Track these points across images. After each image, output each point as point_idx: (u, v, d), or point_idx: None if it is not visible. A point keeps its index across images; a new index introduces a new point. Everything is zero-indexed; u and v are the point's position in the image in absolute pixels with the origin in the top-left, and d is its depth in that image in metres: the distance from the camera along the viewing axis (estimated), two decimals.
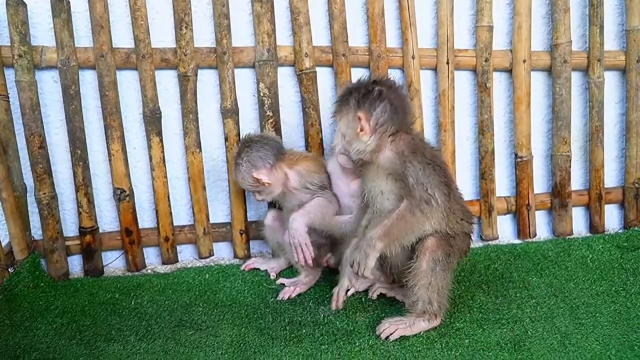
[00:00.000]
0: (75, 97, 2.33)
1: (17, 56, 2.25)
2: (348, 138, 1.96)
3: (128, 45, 2.38)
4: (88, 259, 2.45)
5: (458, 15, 2.56)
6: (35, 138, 2.31)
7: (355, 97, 1.93)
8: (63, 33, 2.28)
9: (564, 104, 2.61)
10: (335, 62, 2.49)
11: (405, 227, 1.88)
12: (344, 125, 1.97)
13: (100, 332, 2.00)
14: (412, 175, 1.87)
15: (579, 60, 2.64)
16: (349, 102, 1.94)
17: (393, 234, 1.87)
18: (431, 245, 1.92)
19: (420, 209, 1.87)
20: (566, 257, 2.46)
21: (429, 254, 1.91)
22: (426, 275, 1.91)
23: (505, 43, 2.63)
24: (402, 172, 1.89)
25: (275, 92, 2.47)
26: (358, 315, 2.05)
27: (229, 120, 2.46)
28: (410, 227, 1.88)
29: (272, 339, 1.92)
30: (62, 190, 2.44)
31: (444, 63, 2.54)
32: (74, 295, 2.28)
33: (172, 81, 2.44)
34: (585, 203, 2.74)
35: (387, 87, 1.95)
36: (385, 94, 1.92)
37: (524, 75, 2.59)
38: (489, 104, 2.58)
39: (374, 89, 1.92)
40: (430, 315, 1.93)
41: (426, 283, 1.91)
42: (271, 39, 2.43)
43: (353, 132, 1.94)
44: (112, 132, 2.37)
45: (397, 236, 1.88)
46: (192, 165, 2.46)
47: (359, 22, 2.53)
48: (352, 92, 1.96)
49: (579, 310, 2.04)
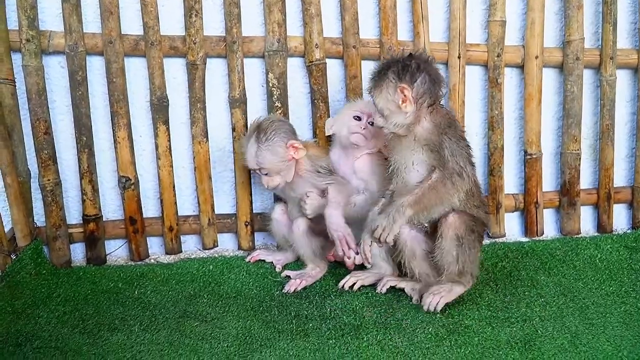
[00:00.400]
0: (82, 83, 2.30)
1: (24, 40, 2.22)
2: (387, 112, 1.99)
3: (137, 32, 2.35)
4: (91, 247, 2.42)
5: (471, 9, 2.53)
6: (40, 124, 2.28)
7: (394, 71, 1.97)
8: (72, 18, 2.25)
9: (575, 102, 2.59)
10: (346, 53, 2.46)
11: (436, 197, 1.95)
12: (382, 99, 2.00)
13: (104, 321, 1.97)
14: (448, 147, 1.94)
15: (591, 57, 2.61)
16: (388, 76, 1.97)
17: (423, 203, 1.95)
18: (453, 222, 1.97)
19: (451, 181, 1.93)
20: (574, 257, 2.44)
21: (452, 231, 1.96)
22: (451, 250, 1.96)
23: (517, 39, 2.60)
24: (439, 143, 1.95)
25: (285, 82, 2.44)
26: (365, 311, 2.02)
27: (236, 110, 2.43)
28: (440, 198, 1.95)
29: (279, 333, 1.89)
30: (66, 177, 2.42)
31: (456, 57, 2.51)
32: (76, 283, 2.25)
33: (181, 69, 2.41)
34: (593, 202, 2.72)
35: (422, 60, 2.00)
36: (423, 66, 1.97)
37: (535, 72, 2.56)
38: (500, 100, 2.55)
39: (412, 62, 1.97)
40: (465, 280, 2.02)
41: (455, 256, 1.97)
42: (282, 29, 2.40)
43: (394, 105, 1.97)
44: (119, 119, 2.34)
45: (427, 205, 1.96)
46: (199, 155, 2.43)
47: (370, 14, 2.50)
48: (390, 66, 2.00)
49: (588, 310, 2.01)
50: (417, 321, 1.95)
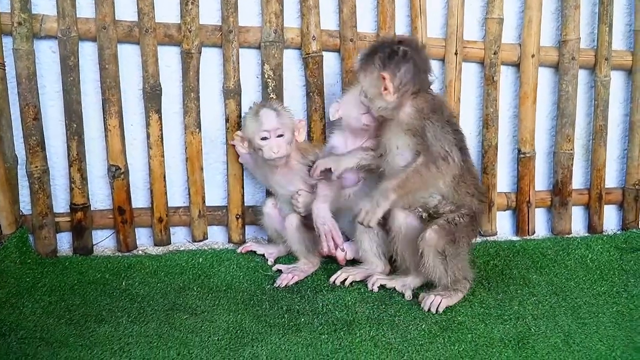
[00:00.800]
0: (74, 68, 2.25)
1: (16, 24, 2.17)
2: (370, 95, 2.01)
3: (131, 18, 2.30)
4: (78, 237, 2.38)
5: (468, 6, 2.51)
6: (30, 109, 2.23)
7: (380, 57, 1.97)
8: (65, 2, 2.21)
9: (570, 102, 2.58)
10: (343, 47, 2.44)
11: (420, 181, 1.94)
12: (367, 83, 2.01)
13: (91, 312, 1.93)
14: (430, 130, 1.93)
15: (586, 58, 2.60)
16: (374, 61, 1.98)
17: (407, 187, 1.94)
18: (431, 239, 1.94)
19: (436, 165, 1.92)
20: (565, 256, 2.44)
21: (433, 248, 1.94)
22: (437, 266, 1.95)
23: (514, 37, 2.59)
24: (421, 128, 1.94)
25: (280, 74, 2.41)
26: (358, 306, 2.00)
27: (231, 101, 2.39)
28: (424, 182, 1.94)
29: (270, 327, 1.86)
30: (54, 165, 2.37)
31: (452, 54, 2.49)
32: (62, 273, 2.21)
33: (175, 58, 2.38)
34: (585, 202, 2.71)
35: (411, 48, 1.99)
36: (410, 55, 1.96)
37: (531, 70, 2.55)
38: (495, 98, 2.54)
39: (399, 49, 1.96)
40: (461, 286, 2.02)
41: (443, 270, 1.96)
42: (279, 20, 2.36)
43: (376, 90, 1.98)
44: (110, 106, 2.30)
45: (411, 189, 1.95)
46: (191, 146, 2.40)
47: (368, 8, 2.48)
48: (377, 51, 2.00)
49: (581, 310, 2.01)
50: (410, 317, 1.94)
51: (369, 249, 2.19)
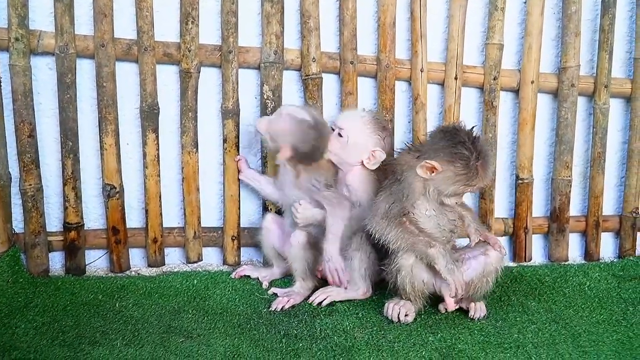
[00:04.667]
0: (71, 86, 2.23)
1: (13, 39, 2.15)
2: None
3: (130, 37, 2.28)
4: (71, 257, 2.34)
5: (469, 31, 2.51)
6: (25, 126, 2.20)
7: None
8: (64, 19, 2.18)
9: (569, 128, 2.58)
10: (343, 69, 2.43)
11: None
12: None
13: (84, 334, 1.89)
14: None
15: (585, 85, 2.61)
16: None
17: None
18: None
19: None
20: (563, 283, 2.42)
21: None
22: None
23: (513, 63, 2.59)
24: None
25: (279, 95, 2.39)
26: (356, 331, 1.97)
27: (229, 121, 2.37)
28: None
29: (268, 352, 1.82)
30: (48, 183, 2.33)
31: (452, 78, 2.49)
32: (54, 293, 2.17)
33: (173, 77, 2.35)
34: (582, 229, 2.70)
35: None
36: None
37: (530, 97, 2.55)
38: (494, 123, 2.54)
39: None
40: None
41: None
42: (279, 41, 2.35)
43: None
44: (107, 125, 2.27)
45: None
46: (188, 166, 2.37)
47: (369, 31, 2.47)
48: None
49: (581, 338, 1.99)
50: (409, 344, 1.90)
51: (357, 269, 2.17)
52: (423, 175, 2.03)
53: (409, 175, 2.06)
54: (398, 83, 2.49)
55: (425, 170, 2.02)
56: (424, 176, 2.03)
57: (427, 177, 2.03)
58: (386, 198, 2.06)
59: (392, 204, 2.04)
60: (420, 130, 2.49)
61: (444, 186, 2.04)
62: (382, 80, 2.45)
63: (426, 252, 2.00)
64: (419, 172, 2.03)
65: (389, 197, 2.06)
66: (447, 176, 2.02)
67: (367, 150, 2.20)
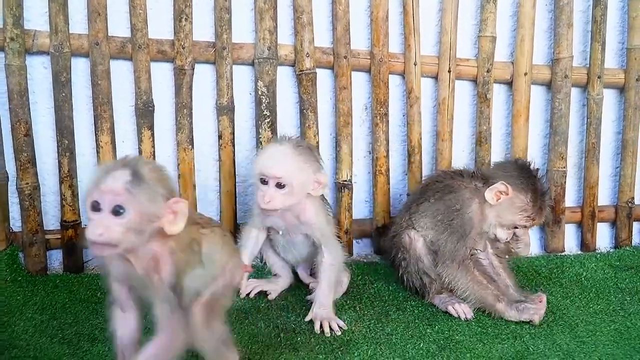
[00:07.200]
0: (66, 84, 2.23)
1: (8, 39, 2.14)
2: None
3: (124, 34, 2.29)
4: (68, 254, 2.34)
5: (461, 24, 2.52)
6: (21, 125, 2.20)
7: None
8: (58, 18, 2.18)
9: (563, 119, 2.59)
10: (337, 64, 2.43)
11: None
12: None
13: (83, 331, 1.89)
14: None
15: (579, 76, 2.62)
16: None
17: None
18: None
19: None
20: (560, 274, 2.43)
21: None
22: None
23: (506, 55, 2.61)
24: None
25: (274, 91, 2.40)
26: (354, 325, 1.98)
27: (224, 117, 2.38)
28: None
29: (266, 347, 1.83)
30: (44, 181, 2.33)
31: (446, 71, 2.50)
32: (53, 291, 2.17)
33: (168, 74, 2.35)
34: (577, 220, 2.72)
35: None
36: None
37: (524, 88, 2.56)
38: (488, 116, 2.55)
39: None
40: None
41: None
42: (273, 37, 2.36)
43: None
44: (102, 123, 2.27)
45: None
46: (184, 162, 2.37)
47: (362, 25, 2.48)
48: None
49: (578, 328, 2.00)
50: (406, 336, 1.92)
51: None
52: (491, 200, 2.05)
53: (472, 203, 2.07)
54: (392, 77, 2.50)
55: (496, 194, 2.04)
56: (490, 202, 2.05)
57: (493, 203, 2.05)
58: (449, 237, 2.06)
59: (457, 244, 2.05)
60: (415, 123, 2.50)
61: (506, 214, 2.08)
62: (375, 75, 2.46)
63: (495, 307, 2.03)
64: (488, 196, 2.06)
65: (452, 236, 2.06)
66: (514, 204, 2.07)
67: (311, 182, 1.99)
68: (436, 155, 2.56)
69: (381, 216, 2.54)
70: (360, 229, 2.57)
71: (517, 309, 2.01)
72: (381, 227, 2.52)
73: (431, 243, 2.11)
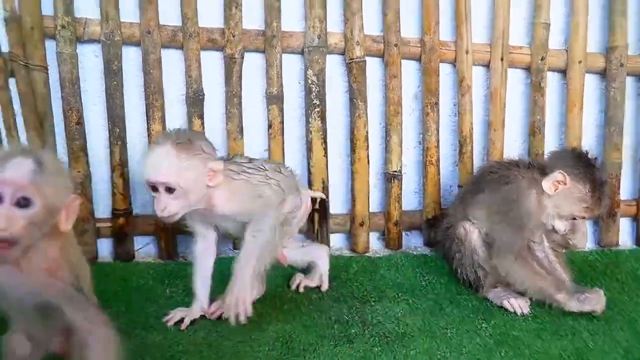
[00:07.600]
0: (117, 73, 2.23)
1: (60, 27, 2.15)
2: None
3: (175, 23, 2.28)
4: (119, 243, 2.35)
5: (514, 11, 2.46)
6: (73, 113, 2.21)
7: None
8: (109, 6, 2.18)
9: (618, 109, 2.53)
10: (387, 52, 2.40)
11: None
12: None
13: (137, 319, 1.90)
14: None
15: (635, 65, 2.55)
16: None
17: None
18: None
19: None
20: (615, 269, 2.38)
21: None
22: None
23: (559, 42, 2.54)
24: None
25: (324, 79, 2.37)
26: (407, 318, 1.95)
27: (273, 106, 2.36)
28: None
29: (321, 338, 1.82)
30: (96, 170, 2.33)
31: (498, 60, 2.45)
32: (104, 279, 2.17)
33: (218, 63, 2.34)
34: (633, 214, 2.65)
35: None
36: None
37: (578, 77, 2.50)
38: (542, 105, 2.50)
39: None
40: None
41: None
42: (322, 25, 2.33)
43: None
44: (154, 111, 2.27)
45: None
46: (233, 152, 2.36)
47: (412, 13, 2.44)
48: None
49: (637, 324, 1.95)
50: (462, 331, 1.88)
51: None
52: (548, 190, 2.01)
53: (529, 194, 2.03)
54: (442, 65, 2.46)
55: (554, 183, 2.00)
56: (548, 192, 2.01)
57: (550, 193, 2.01)
58: (506, 229, 2.02)
59: (514, 236, 2.00)
60: (466, 113, 2.45)
61: (564, 205, 2.03)
62: (426, 63, 2.42)
63: (555, 298, 1.98)
64: (545, 185, 2.01)
65: (509, 228, 2.01)
66: (572, 194, 2.01)
67: (204, 174, 1.78)
68: (488, 146, 2.51)
69: (431, 207, 2.50)
70: (410, 221, 2.54)
71: (579, 299, 1.95)
72: (431, 219, 2.49)
73: (486, 235, 2.08)
